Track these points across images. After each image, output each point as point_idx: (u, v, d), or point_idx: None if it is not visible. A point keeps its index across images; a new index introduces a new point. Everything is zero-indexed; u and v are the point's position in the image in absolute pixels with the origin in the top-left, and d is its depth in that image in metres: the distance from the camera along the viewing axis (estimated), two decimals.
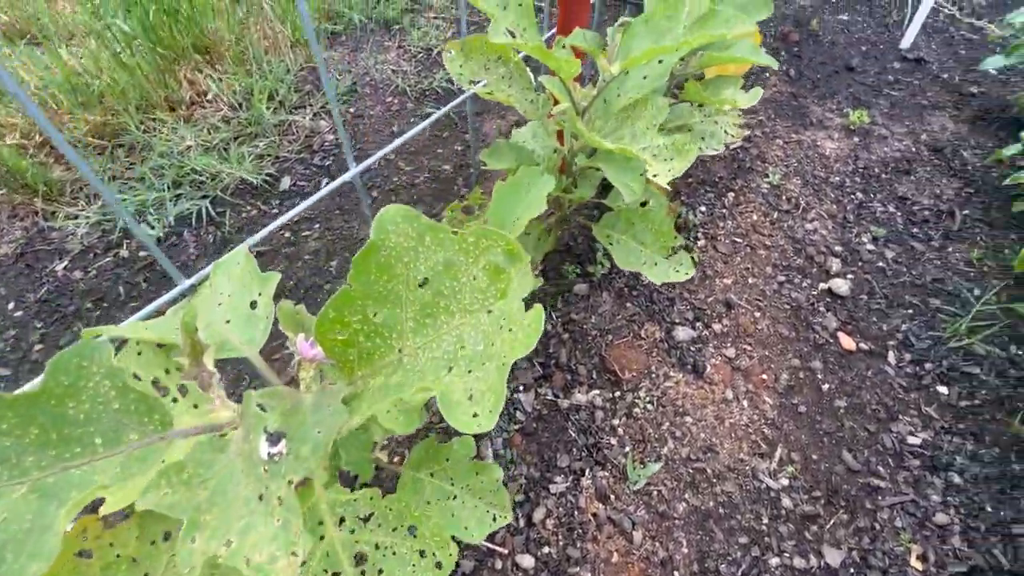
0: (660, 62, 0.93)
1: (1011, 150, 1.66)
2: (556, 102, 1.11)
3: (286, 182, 1.62)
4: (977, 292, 1.43)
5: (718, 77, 1.18)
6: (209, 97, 1.75)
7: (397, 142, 1.08)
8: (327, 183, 1.64)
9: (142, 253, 1.41)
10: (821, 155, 1.83)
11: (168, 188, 1.53)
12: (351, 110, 1.88)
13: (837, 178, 1.75)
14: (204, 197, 1.53)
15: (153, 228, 1.43)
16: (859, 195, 1.69)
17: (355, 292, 0.49)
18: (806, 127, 1.95)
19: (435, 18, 2.40)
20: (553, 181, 0.97)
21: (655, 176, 0.78)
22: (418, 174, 1.69)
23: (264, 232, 0.92)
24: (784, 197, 1.67)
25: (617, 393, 1.20)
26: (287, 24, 1.95)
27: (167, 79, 1.71)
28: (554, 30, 1.34)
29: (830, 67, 2.27)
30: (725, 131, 1.36)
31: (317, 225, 1.53)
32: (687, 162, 0.79)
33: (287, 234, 1.49)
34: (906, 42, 2.38)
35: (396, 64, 2.12)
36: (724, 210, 1.61)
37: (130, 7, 1.64)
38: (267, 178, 1.61)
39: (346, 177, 0.98)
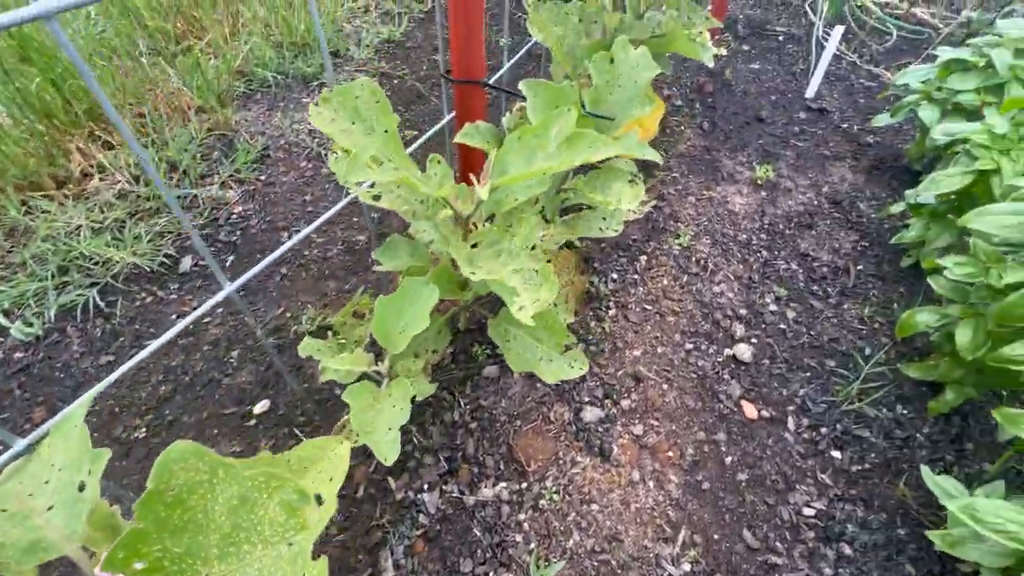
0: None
1: (898, 207, 1.77)
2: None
3: (187, 263, 1.54)
4: (868, 351, 1.51)
5: (608, 169, 1.21)
6: (102, 172, 1.65)
7: (281, 249, 1.04)
8: (232, 261, 1.57)
9: (17, 355, 1.31)
10: (730, 212, 1.91)
11: (52, 276, 1.43)
12: (261, 177, 1.82)
13: (744, 236, 1.82)
14: (93, 285, 1.44)
15: (31, 325, 1.33)
16: (764, 253, 1.77)
17: (147, 529, 0.46)
18: (718, 182, 2.03)
19: (357, 71, 2.37)
20: (437, 293, 0.96)
21: (520, 310, 0.78)
22: (331, 246, 1.65)
23: (134, 361, 0.86)
24: (694, 259, 1.72)
25: (524, 484, 1.19)
26: (192, 88, 1.88)
27: (54, 153, 1.61)
28: (452, 114, 1.34)
29: (742, 117, 2.38)
30: (628, 208, 1.39)
31: (219, 310, 1.46)
32: (553, 292, 0.80)
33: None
34: (811, 91, 2.53)
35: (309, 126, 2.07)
36: (636, 275, 1.65)
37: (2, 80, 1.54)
38: (166, 259, 1.54)
39: (219, 297, 0.94)
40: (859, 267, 1.75)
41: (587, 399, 1.34)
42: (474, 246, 1.00)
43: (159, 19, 2.31)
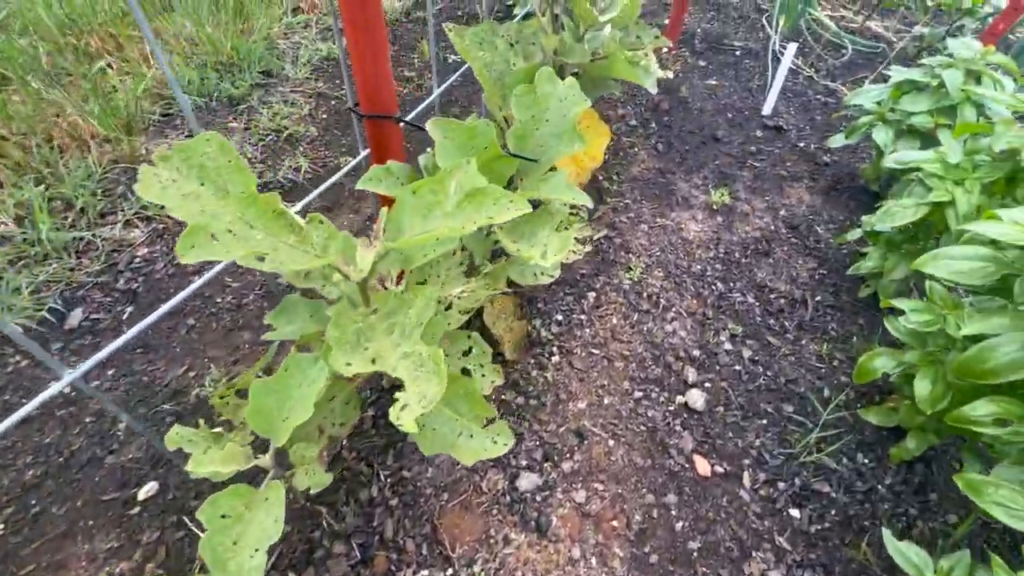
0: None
1: (854, 234, 1.70)
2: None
3: (76, 316, 1.36)
4: (827, 392, 1.42)
5: (537, 216, 1.08)
6: None
7: (155, 316, 0.89)
8: (131, 313, 1.40)
9: None
10: (685, 240, 1.81)
11: None
12: (169, 217, 1.64)
13: (699, 266, 1.73)
14: None
15: None
16: (719, 285, 1.68)
17: None
18: (672, 207, 1.94)
19: (292, 92, 2.21)
20: (327, 372, 0.82)
21: (404, 409, 0.65)
22: (247, 292, 1.49)
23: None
24: (645, 294, 1.61)
25: (449, 571, 1.05)
26: (94, 115, 1.70)
27: None
28: (366, 151, 1.21)
29: (698, 137, 2.30)
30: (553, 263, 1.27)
31: (111, 371, 1.29)
32: (442, 387, 0.67)
33: (67, 389, 1.24)
34: (767, 108, 2.47)
35: (240, 152, 1.91)
36: (583, 315, 1.53)
37: None
38: (49, 315, 1.35)
39: (55, 390, 0.78)
40: (817, 298, 1.67)
41: (524, 463, 1.22)
42: (376, 311, 0.86)
43: (73, 36, 2.12)
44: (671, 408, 1.36)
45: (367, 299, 0.91)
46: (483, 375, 1.07)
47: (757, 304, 1.64)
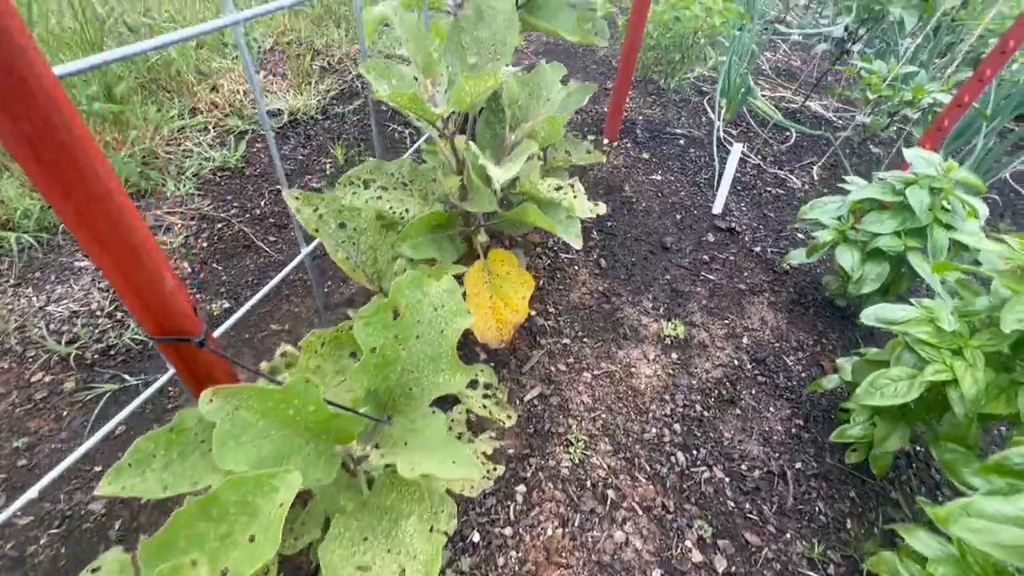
0: None
1: (831, 382, 1.43)
2: None
3: None
4: None
5: (397, 493, 0.74)
6: None
7: None
8: None
9: None
10: (635, 391, 1.50)
11: None
12: None
13: (654, 430, 1.41)
14: None
15: None
16: (680, 457, 1.36)
17: None
18: (619, 343, 1.64)
19: (168, 213, 1.86)
20: None
21: None
22: (39, 531, 1.07)
23: None
24: (589, 483, 1.27)
25: None
26: None
27: None
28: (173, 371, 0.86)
29: (645, 246, 2.05)
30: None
31: None
32: None
33: None
34: (718, 207, 2.27)
35: (84, 300, 1.53)
36: (508, 527, 1.17)
37: None
38: None
39: None
40: (797, 465, 1.37)
41: None
42: None
43: None
44: None
45: None
46: None
47: (727, 480, 1.32)
